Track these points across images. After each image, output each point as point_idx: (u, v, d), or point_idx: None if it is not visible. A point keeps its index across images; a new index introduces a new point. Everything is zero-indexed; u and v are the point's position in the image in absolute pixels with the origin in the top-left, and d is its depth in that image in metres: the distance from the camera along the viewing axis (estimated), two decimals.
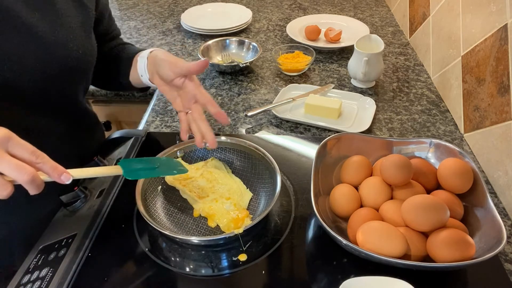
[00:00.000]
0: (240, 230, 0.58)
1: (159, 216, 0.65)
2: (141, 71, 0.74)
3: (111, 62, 0.80)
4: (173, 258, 0.61)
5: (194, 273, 0.59)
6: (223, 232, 0.62)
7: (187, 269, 0.59)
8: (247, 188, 0.70)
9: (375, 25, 1.35)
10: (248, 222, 0.61)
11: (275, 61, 1.08)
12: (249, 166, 0.74)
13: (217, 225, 0.64)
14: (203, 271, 0.59)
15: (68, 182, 0.48)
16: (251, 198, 0.69)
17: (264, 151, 0.71)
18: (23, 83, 0.59)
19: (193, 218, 0.66)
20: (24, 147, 0.44)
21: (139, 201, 0.63)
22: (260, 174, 0.72)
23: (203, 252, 0.61)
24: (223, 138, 0.76)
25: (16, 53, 0.57)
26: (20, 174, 0.43)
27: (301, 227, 0.65)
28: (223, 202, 0.66)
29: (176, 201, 0.69)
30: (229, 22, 1.30)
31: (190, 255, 0.61)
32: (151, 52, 0.73)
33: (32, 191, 0.45)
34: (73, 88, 0.70)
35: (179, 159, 0.74)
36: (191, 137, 0.76)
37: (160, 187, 0.70)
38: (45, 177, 0.47)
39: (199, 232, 0.64)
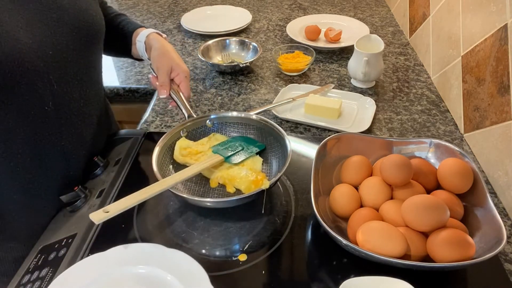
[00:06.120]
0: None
1: (179, 189, 0.66)
2: (141, 53, 0.83)
3: (114, 31, 0.84)
4: None
5: None
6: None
7: None
8: (256, 154, 0.73)
9: (375, 25, 1.35)
10: (266, 183, 0.62)
11: (275, 61, 1.08)
12: (259, 139, 0.77)
13: (236, 190, 0.66)
14: None
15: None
16: (263, 166, 0.72)
17: (272, 122, 0.74)
18: (47, 51, 0.59)
19: (212, 189, 0.69)
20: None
21: (159, 175, 0.63)
22: (269, 144, 0.75)
23: (203, 251, 0.61)
24: (234, 113, 0.79)
25: (40, 20, 0.59)
26: None
27: (301, 227, 0.65)
28: (239, 168, 0.69)
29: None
30: (228, 25, 1.30)
31: (190, 255, 0.61)
32: (148, 35, 0.81)
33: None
34: (93, 58, 0.72)
35: (183, 138, 0.74)
36: (192, 117, 0.77)
37: (171, 166, 0.71)
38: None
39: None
